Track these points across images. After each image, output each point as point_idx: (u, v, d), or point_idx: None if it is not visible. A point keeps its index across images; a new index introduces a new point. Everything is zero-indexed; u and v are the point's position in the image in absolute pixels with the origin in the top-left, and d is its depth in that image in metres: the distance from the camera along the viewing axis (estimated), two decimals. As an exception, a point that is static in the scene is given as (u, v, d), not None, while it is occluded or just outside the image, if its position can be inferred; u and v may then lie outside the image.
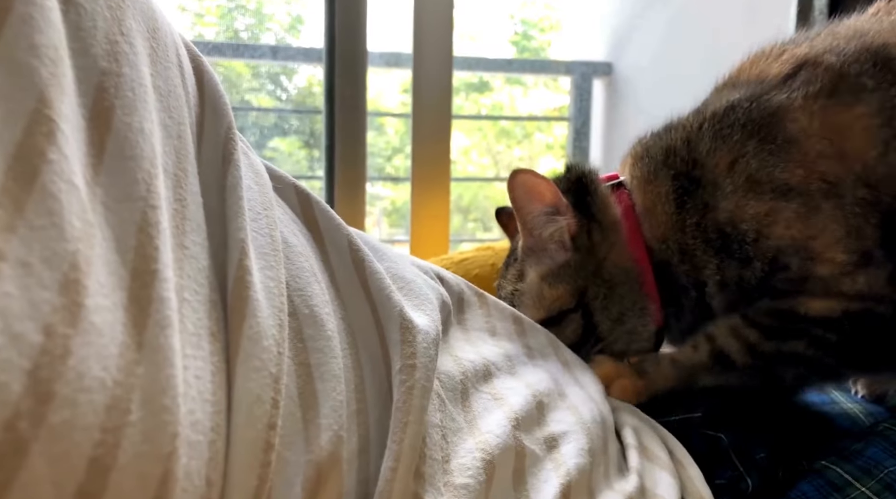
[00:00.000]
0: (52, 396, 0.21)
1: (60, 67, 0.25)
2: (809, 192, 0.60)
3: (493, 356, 0.48)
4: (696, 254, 0.65)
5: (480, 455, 0.38)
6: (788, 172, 0.60)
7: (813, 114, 0.61)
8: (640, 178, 0.69)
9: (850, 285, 0.59)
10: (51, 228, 0.22)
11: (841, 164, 0.60)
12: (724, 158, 0.63)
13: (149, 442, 0.23)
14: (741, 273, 0.62)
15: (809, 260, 0.60)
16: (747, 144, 0.62)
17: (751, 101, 0.64)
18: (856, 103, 0.60)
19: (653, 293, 0.68)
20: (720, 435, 0.56)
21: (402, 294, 0.42)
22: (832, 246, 0.59)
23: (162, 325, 0.25)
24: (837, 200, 0.59)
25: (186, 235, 0.30)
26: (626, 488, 0.45)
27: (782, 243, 0.60)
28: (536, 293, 0.68)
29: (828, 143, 0.60)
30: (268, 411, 0.29)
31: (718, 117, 0.65)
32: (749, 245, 0.62)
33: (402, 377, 0.36)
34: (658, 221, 0.67)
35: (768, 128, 0.62)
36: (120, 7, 0.29)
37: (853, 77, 0.61)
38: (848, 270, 0.59)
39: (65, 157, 0.23)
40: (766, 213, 0.61)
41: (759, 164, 0.62)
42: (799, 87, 0.63)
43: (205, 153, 0.34)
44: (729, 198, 0.62)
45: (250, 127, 1.84)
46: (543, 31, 2.54)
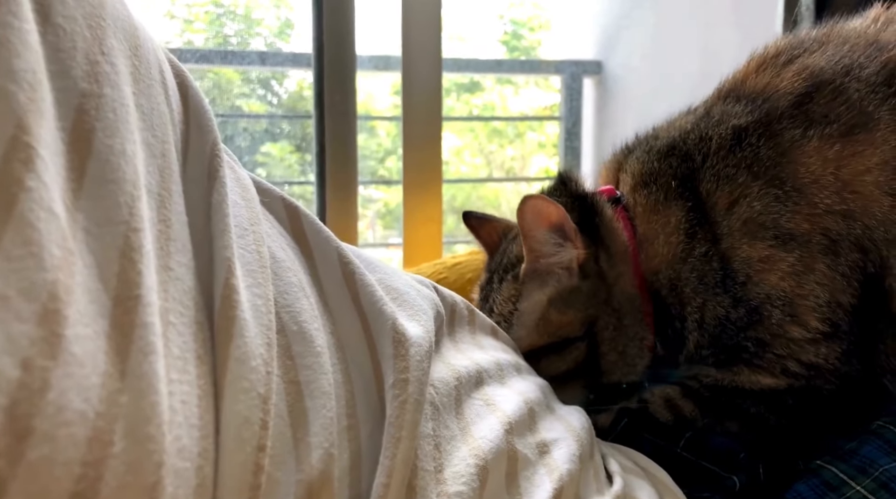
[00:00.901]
0: (31, 432, 0.20)
1: (39, 91, 0.24)
2: (810, 245, 0.58)
3: (486, 363, 0.48)
4: (685, 290, 0.62)
5: (474, 461, 0.38)
6: (794, 223, 0.58)
7: (827, 162, 0.58)
8: (645, 206, 0.65)
9: (809, 357, 0.58)
10: (29, 257, 0.22)
11: (845, 222, 0.57)
12: (725, 198, 0.60)
13: (133, 473, 0.23)
14: (728, 314, 0.60)
15: (790, 317, 0.58)
16: (752, 185, 0.59)
17: (759, 134, 0.60)
18: (870, 148, 0.57)
19: (651, 325, 0.65)
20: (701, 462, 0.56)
21: (395, 305, 0.41)
22: (812, 311, 0.58)
23: (145, 351, 0.24)
24: (833, 259, 0.57)
25: (171, 257, 0.29)
26: (614, 489, 0.46)
27: (772, 293, 0.58)
28: (541, 316, 0.64)
29: (838, 199, 0.57)
30: (256, 432, 0.28)
31: (724, 152, 0.61)
32: (738, 287, 0.60)
33: (395, 392, 0.36)
34: (657, 250, 0.64)
35: (776, 169, 0.59)
36: (100, 26, 0.29)
37: (869, 112, 0.57)
38: (815, 339, 0.58)
39: (44, 184, 0.23)
40: (762, 259, 0.59)
41: (762, 208, 0.59)
42: (814, 122, 0.59)
43: (190, 170, 0.34)
44: (726, 238, 0.60)
45: (241, 132, 1.84)
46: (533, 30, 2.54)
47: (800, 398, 0.59)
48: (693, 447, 0.57)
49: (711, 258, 0.61)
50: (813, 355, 0.58)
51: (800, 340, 0.58)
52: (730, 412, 0.61)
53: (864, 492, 0.51)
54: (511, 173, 2.38)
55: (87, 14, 0.28)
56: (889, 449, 0.53)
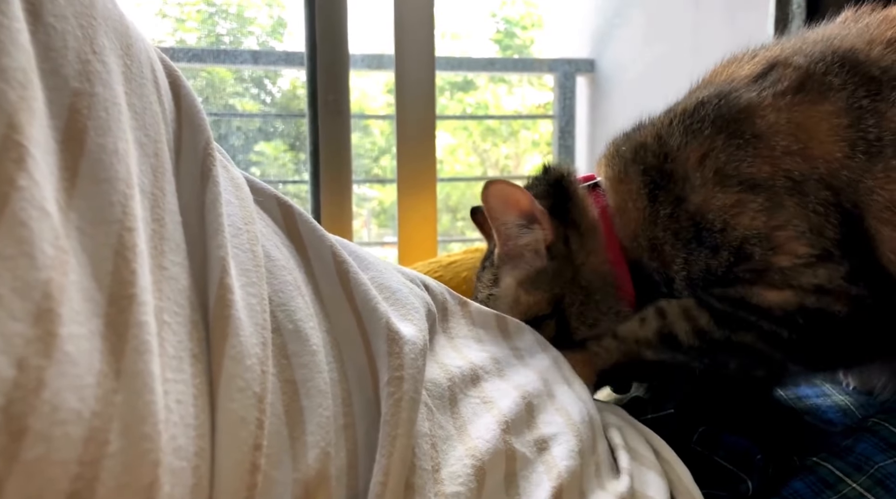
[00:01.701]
0: (26, 431, 0.20)
1: (30, 90, 0.24)
2: (775, 187, 0.61)
3: (480, 360, 0.48)
4: (665, 248, 0.65)
5: (471, 462, 0.38)
6: (755, 167, 0.61)
7: (780, 110, 0.61)
8: (612, 177, 0.69)
9: (809, 278, 0.59)
10: (21, 256, 0.22)
11: (805, 162, 0.60)
12: (695, 152, 0.64)
13: (129, 472, 0.23)
14: (708, 263, 0.63)
15: (771, 250, 0.60)
16: (716, 138, 0.63)
17: (720, 97, 0.65)
18: (822, 100, 0.61)
19: (629, 296, 0.68)
20: (715, 458, 0.56)
21: (388, 304, 0.41)
22: (794, 239, 0.59)
23: (140, 350, 0.24)
24: (801, 198, 0.60)
25: (165, 256, 0.29)
26: (618, 488, 0.45)
27: (748, 233, 0.61)
28: (513, 299, 0.69)
29: (794, 139, 0.60)
30: (253, 431, 0.28)
31: (689, 113, 0.66)
32: (717, 234, 0.62)
33: (389, 390, 0.36)
34: (630, 217, 0.67)
35: (737, 123, 0.63)
36: (91, 25, 0.29)
37: (820, 75, 0.61)
38: (809, 263, 0.59)
39: (35, 183, 0.23)
40: (733, 204, 0.61)
41: (727, 158, 0.62)
42: (768, 85, 0.63)
43: (183, 170, 0.34)
44: (698, 190, 0.63)
45: (235, 131, 1.83)
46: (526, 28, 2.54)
47: (811, 319, 0.60)
48: (706, 443, 0.57)
49: (682, 213, 0.64)
50: (812, 277, 0.59)
51: (792, 267, 0.59)
52: (744, 325, 0.62)
53: (859, 489, 0.51)
54: (505, 172, 2.38)
55: (78, 13, 0.28)
56: (884, 446, 0.54)
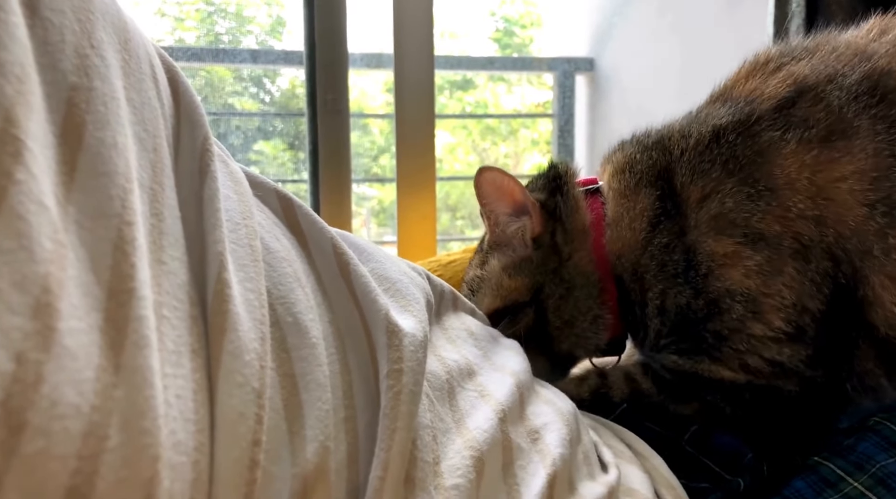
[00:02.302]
0: (25, 425, 0.20)
1: (27, 84, 0.24)
2: (780, 248, 0.58)
3: (473, 356, 0.48)
4: (645, 276, 0.64)
5: (469, 453, 0.38)
6: (765, 224, 0.58)
7: (803, 166, 0.57)
8: (617, 190, 0.68)
9: (772, 354, 0.58)
10: (20, 250, 0.22)
11: (818, 228, 0.57)
12: (697, 192, 0.61)
13: (129, 467, 0.22)
14: (689, 303, 0.61)
15: (752, 314, 0.58)
16: (726, 181, 0.60)
17: (738, 133, 0.61)
18: (847, 155, 0.57)
19: (612, 303, 0.67)
20: (706, 460, 0.56)
21: (388, 296, 0.41)
22: (778, 309, 0.57)
23: (140, 345, 0.24)
24: (804, 265, 0.57)
25: (164, 251, 0.29)
26: (609, 479, 0.46)
27: (733, 288, 0.59)
28: (496, 282, 0.70)
29: (812, 204, 0.57)
30: (251, 427, 0.28)
31: (702, 148, 0.63)
32: (699, 278, 0.60)
33: (389, 382, 0.35)
34: (622, 235, 0.66)
35: (751, 168, 0.59)
36: (89, 20, 0.29)
37: (849, 120, 0.57)
38: (778, 338, 0.58)
39: (33, 176, 0.23)
40: (726, 254, 0.59)
41: (734, 205, 0.59)
42: (793, 126, 0.59)
43: (181, 165, 0.34)
44: (693, 230, 0.61)
45: (234, 130, 1.83)
46: (525, 27, 2.54)
47: (758, 395, 0.59)
48: (697, 443, 0.57)
49: (675, 249, 0.62)
50: (776, 353, 0.58)
51: (762, 338, 0.58)
52: (686, 396, 0.62)
53: (861, 488, 0.51)
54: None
55: (76, 7, 0.28)
56: (886, 445, 0.54)
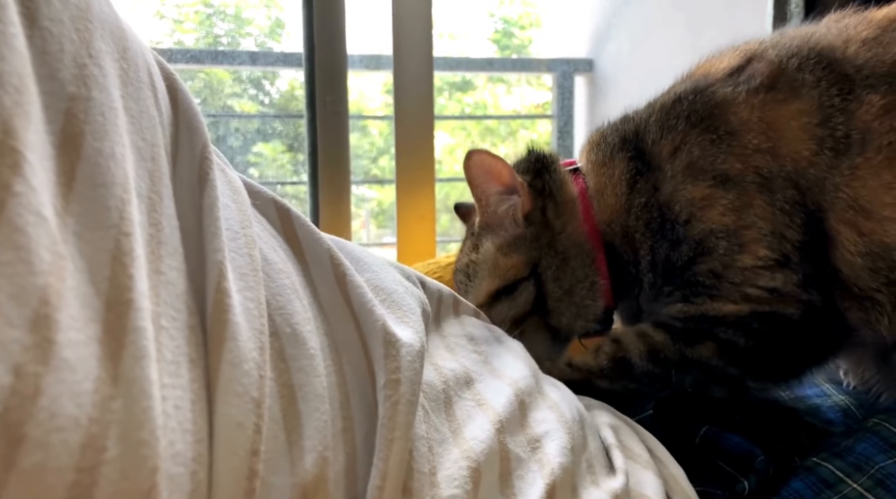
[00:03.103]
0: (23, 438, 0.20)
1: (25, 95, 0.24)
2: (745, 183, 0.63)
3: (472, 363, 0.48)
4: (635, 235, 0.68)
5: (466, 464, 0.38)
6: (728, 164, 0.63)
7: (753, 107, 0.64)
8: (595, 162, 0.73)
9: (766, 281, 0.61)
10: (18, 263, 0.21)
11: (775, 160, 0.62)
12: (668, 146, 0.67)
13: (127, 479, 0.22)
14: (669, 255, 0.66)
15: (737, 246, 0.62)
16: (691, 133, 0.66)
17: (696, 93, 0.67)
18: (794, 98, 0.62)
19: (603, 271, 0.71)
20: (720, 463, 0.56)
21: (384, 307, 0.41)
22: (758, 240, 0.62)
23: (138, 356, 0.24)
24: (770, 196, 0.62)
25: (162, 260, 0.29)
26: (614, 486, 0.45)
27: (714, 227, 0.63)
28: (492, 263, 0.72)
29: (764, 138, 0.62)
30: (250, 436, 0.28)
31: (666, 109, 0.69)
32: (681, 226, 0.65)
33: (386, 393, 0.35)
34: (608, 202, 0.70)
35: (711, 119, 0.65)
36: (88, 29, 0.29)
37: (793, 71, 0.63)
38: (768, 266, 0.61)
39: (32, 188, 0.23)
40: (703, 197, 0.64)
41: (700, 152, 0.65)
42: (743, 81, 0.65)
43: (180, 173, 0.34)
44: (669, 181, 0.66)
45: (233, 132, 1.83)
46: (524, 28, 2.54)
47: (766, 322, 0.62)
48: (708, 444, 0.57)
49: (654, 204, 0.67)
50: (770, 280, 0.61)
51: (753, 267, 0.62)
52: (700, 337, 0.64)
53: (860, 489, 0.51)
54: (504, 171, 2.38)
55: (74, 17, 0.28)
56: (885, 446, 0.54)
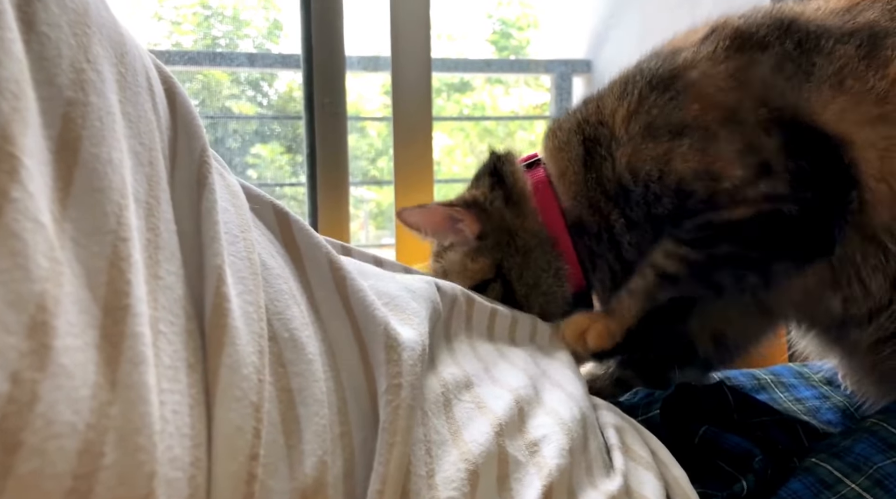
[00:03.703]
0: (20, 445, 0.20)
1: (23, 100, 0.24)
2: (705, 124, 0.64)
3: (473, 369, 0.48)
4: (600, 205, 0.71)
5: (464, 466, 0.38)
6: (684, 110, 0.65)
7: (717, 61, 0.65)
8: (552, 148, 0.76)
9: (755, 191, 0.63)
10: (15, 269, 0.21)
11: (741, 91, 0.64)
12: (623, 111, 0.69)
13: (125, 485, 0.22)
14: (651, 211, 0.68)
15: (712, 180, 0.64)
16: (649, 96, 0.67)
17: (659, 63, 0.69)
18: (760, 52, 0.64)
19: (569, 254, 0.75)
20: (720, 462, 0.56)
21: (387, 309, 0.41)
22: (730, 164, 0.63)
23: (135, 361, 0.24)
24: (735, 126, 0.63)
25: (160, 265, 0.29)
26: (610, 488, 0.45)
27: (685, 175, 0.65)
28: (461, 266, 0.77)
29: (732, 81, 0.64)
30: (249, 441, 0.28)
31: (625, 79, 0.71)
32: (655, 183, 0.66)
33: (388, 398, 0.36)
34: (569, 182, 0.74)
35: (670, 80, 0.67)
36: (86, 34, 0.29)
37: (759, 36, 0.65)
38: (749, 181, 0.63)
39: (29, 194, 0.23)
40: (664, 153, 0.66)
41: (658, 111, 0.67)
42: (707, 44, 0.67)
43: (178, 177, 0.34)
44: (626, 146, 0.68)
45: (231, 134, 1.83)
46: (522, 29, 2.54)
47: (770, 221, 0.64)
48: (708, 445, 0.57)
49: (609, 173, 0.69)
50: (758, 189, 0.63)
51: (736, 187, 0.63)
52: (716, 238, 0.66)
53: (858, 490, 0.51)
54: (502, 172, 2.38)
55: (72, 22, 0.28)
56: (883, 446, 0.54)
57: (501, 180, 0.78)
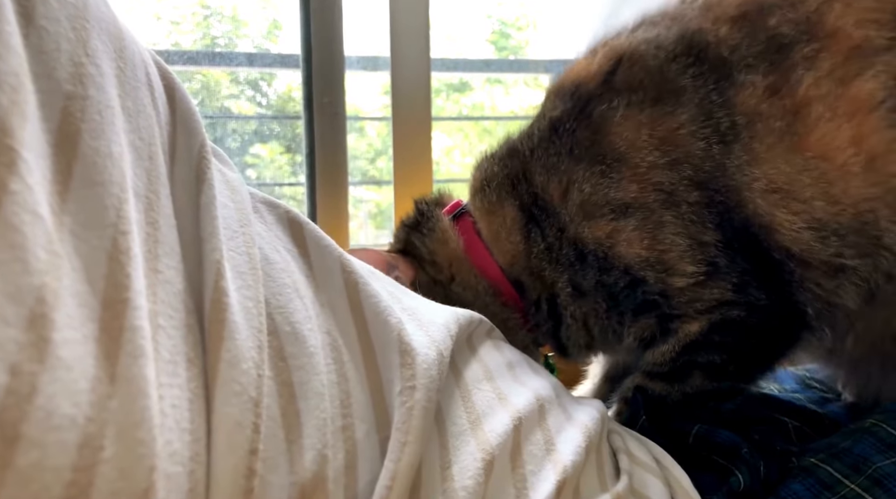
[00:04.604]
0: (19, 437, 0.20)
1: (22, 94, 0.24)
2: (648, 205, 0.60)
3: (495, 364, 0.49)
4: (544, 274, 0.66)
5: (481, 456, 0.38)
6: (623, 190, 0.60)
7: (640, 125, 0.61)
8: (482, 209, 0.70)
9: (708, 296, 0.60)
10: (14, 262, 0.21)
11: (673, 170, 0.60)
12: (557, 188, 0.63)
13: (124, 478, 0.22)
14: (601, 279, 0.63)
15: (664, 273, 0.60)
16: (576, 169, 0.62)
17: (572, 117, 0.63)
18: (679, 110, 0.60)
19: (513, 301, 0.69)
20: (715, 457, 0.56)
21: (402, 314, 0.41)
22: (681, 257, 0.60)
23: (135, 355, 0.24)
24: (676, 209, 0.59)
25: (159, 260, 0.29)
26: (616, 488, 0.46)
27: (631, 261, 0.61)
28: None
29: (659, 153, 0.60)
30: (249, 435, 0.28)
31: (546, 143, 0.65)
32: (602, 261, 0.62)
33: (402, 399, 0.36)
34: (504, 248, 0.68)
35: (595, 147, 0.62)
36: (84, 28, 0.29)
37: (673, 80, 0.60)
38: (700, 281, 0.60)
39: (28, 187, 0.23)
40: (608, 235, 0.61)
41: (591, 188, 0.61)
42: (620, 93, 0.62)
43: (178, 173, 0.34)
44: (569, 226, 0.63)
45: (230, 133, 1.83)
46: (521, 29, 2.54)
47: (725, 332, 0.61)
48: (701, 441, 0.57)
49: (562, 244, 0.64)
50: (708, 293, 0.60)
51: (688, 286, 0.60)
52: (686, 370, 0.63)
53: (858, 490, 0.51)
54: (501, 172, 2.38)
55: (71, 16, 0.28)
56: (882, 447, 0.54)
57: (423, 234, 0.73)
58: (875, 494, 0.51)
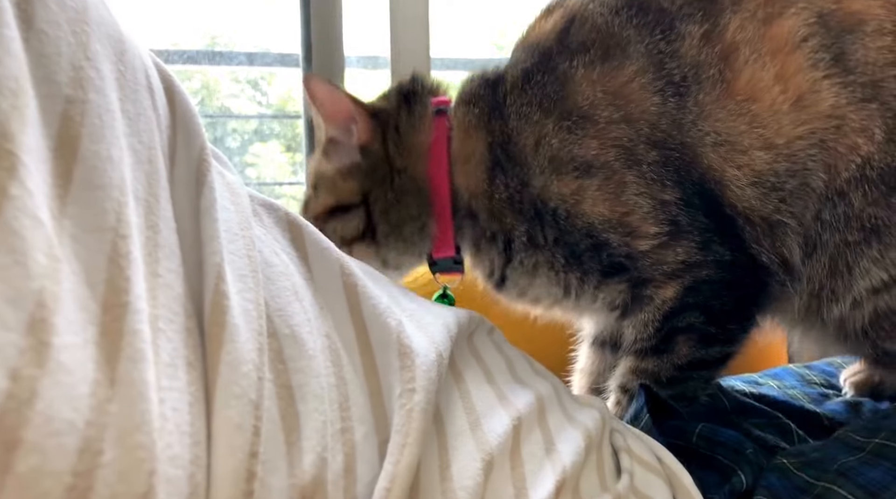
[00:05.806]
0: (19, 443, 0.20)
1: (22, 98, 0.24)
2: (609, 163, 0.61)
3: (496, 366, 0.49)
4: (504, 219, 0.66)
5: (480, 456, 0.38)
6: (585, 147, 0.62)
7: (594, 82, 0.62)
8: (461, 123, 0.69)
9: (673, 257, 0.60)
10: (14, 266, 0.22)
11: (630, 126, 0.61)
12: (530, 139, 0.64)
13: (124, 482, 0.22)
14: (561, 238, 0.64)
15: (627, 236, 0.61)
16: (547, 123, 0.63)
17: (541, 72, 0.65)
18: (626, 62, 0.61)
19: (444, 222, 0.69)
20: (714, 454, 0.56)
21: (402, 315, 0.41)
22: (643, 220, 0.60)
23: (135, 359, 0.24)
24: (637, 168, 0.60)
25: (160, 263, 0.29)
26: (617, 488, 0.46)
27: (594, 220, 0.62)
28: (331, 182, 0.73)
29: (614, 109, 0.61)
30: (249, 438, 0.28)
31: (519, 91, 0.66)
32: (563, 221, 0.63)
33: (402, 401, 0.36)
34: (467, 175, 0.68)
35: (563, 103, 0.63)
36: (84, 31, 0.29)
37: (618, 30, 0.62)
38: (664, 242, 0.60)
39: (28, 191, 0.23)
40: (573, 192, 0.62)
41: (559, 143, 0.63)
42: (575, 52, 0.63)
43: (178, 175, 0.34)
44: (538, 177, 0.64)
45: (231, 133, 1.83)
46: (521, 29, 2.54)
47: (698, 293, 0.61)
48: (705, 440, 0.57)
49: (523, 197, 0.64)
50: (672, 256, 0.60)
51: (652, 249, 0.61)
52: (670, 339, 0.64)
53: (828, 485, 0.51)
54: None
55: (71, 19, 0.28)
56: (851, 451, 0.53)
57: (409, 113, 0.71)
58: (840, 484, 0.50)
